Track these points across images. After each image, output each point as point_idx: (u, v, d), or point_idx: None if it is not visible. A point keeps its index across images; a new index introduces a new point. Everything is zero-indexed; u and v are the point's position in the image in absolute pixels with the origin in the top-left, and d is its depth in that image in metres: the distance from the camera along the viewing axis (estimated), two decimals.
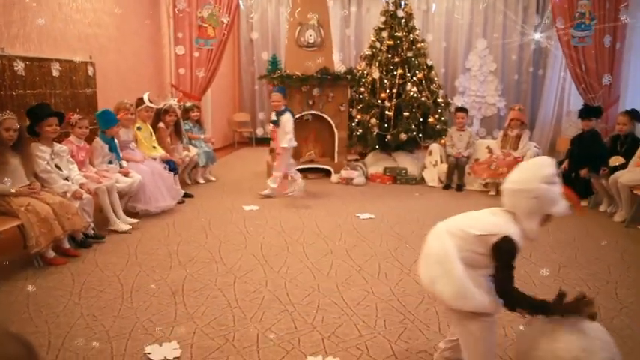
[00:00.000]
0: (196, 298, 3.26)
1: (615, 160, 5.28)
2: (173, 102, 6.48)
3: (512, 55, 10.14)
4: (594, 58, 7.29)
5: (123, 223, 4.65)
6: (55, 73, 5.21)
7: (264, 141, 10.74)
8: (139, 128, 5.63)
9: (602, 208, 5.56)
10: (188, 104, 7.13)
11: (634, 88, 7.39)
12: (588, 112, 5.93)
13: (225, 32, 8.08)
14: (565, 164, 5.93)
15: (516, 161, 6.23)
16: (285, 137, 5.71)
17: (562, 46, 7.63)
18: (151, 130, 5.82)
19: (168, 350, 2.62)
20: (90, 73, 5.84)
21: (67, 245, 4.00)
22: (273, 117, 5.85)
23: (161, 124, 6.03)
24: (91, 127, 4.83)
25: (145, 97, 5.72)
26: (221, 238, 4.52)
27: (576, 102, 8.57)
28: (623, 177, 4.99)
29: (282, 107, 5.83)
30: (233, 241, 4.44)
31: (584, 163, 5.64)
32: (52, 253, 3.83)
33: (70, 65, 5.48)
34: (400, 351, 2.65)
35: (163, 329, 2.84)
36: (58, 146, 4.28)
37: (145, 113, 5.71)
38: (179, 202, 5.63)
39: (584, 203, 5.84)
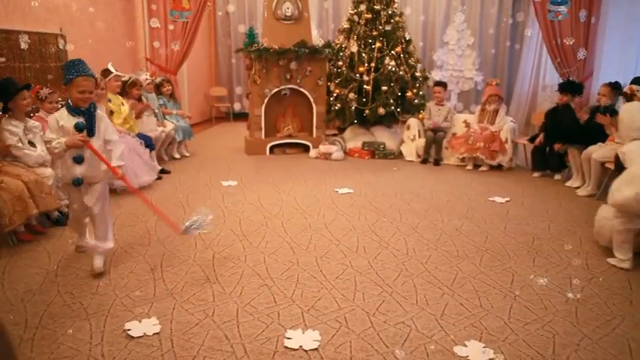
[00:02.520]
0: (175, 274, 3.26)
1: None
2: (145, 76, 6.36)
3: (490, 29, 10.15)
4: (570, 32, 7.35)
5: None
6: (24, 46, 5.04)
7: (241, 116, 10.66)
8: (109, 100, 5.49)
9: (570, 183, 5.63)
10: (158, 79, 6.99)
11: (607, 63, 7.48)
12: (568, 87, 5.96)
13: (210, 3, 7.91)
14: (540, 138, 6.02)
15: (493, 135, 6.31)
16: (118, 150, 3.23)
17: (538, 20, 7.66)
18: (122, 100, 5.66)
19: (148, 326, 2.62)
20: (61, 46, 5.67)
21: (33, 222, 3.92)
22: (65, 117, 3.07)
23: (132, 100, 5.86)
24: (62, 102, 4.71)
25: (110, 66, 5.57)
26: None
27: (552, 76, 8.67)
28: (597, 153, 5.08)
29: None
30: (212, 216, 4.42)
31: (557, 136, 5.73)
32: (21, 228, 3.76)
33: (40, 37, 5.31)
34: (378, 323, 2.70)
35: (142, 306, 2.84)
36: (30, 122, 4.16)
37: (115, 83, 5.55)
38: (157, 179, 5.57)
39: (557, 177, 5.97)
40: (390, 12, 7.38)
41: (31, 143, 4.09)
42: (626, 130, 3.62)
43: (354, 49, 7.29)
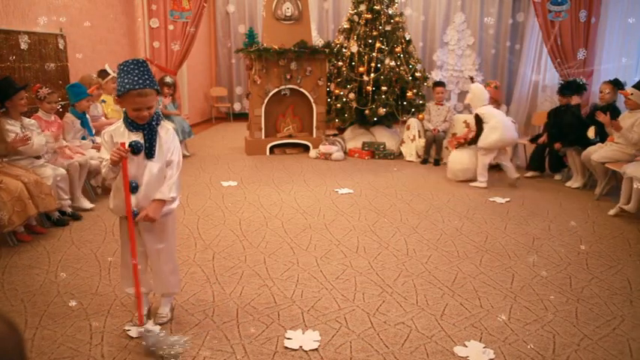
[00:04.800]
0: None
1: (592, 132, 5.31)
2: None
3: (490, 30, 10.15)
4: (570, 32, 7.34)
5: (86, 201, 4.59)
6: (24, 46, 5.03)
7: (241, 116, 10.66)
8: (103, 101, 5.48)
9: (570, 183, 5.65)
10: (169, 80, 7.01)
11: (607, 63, 7.47)
12: (567, 88, 5.94)
13: (205, 4, 7.88)
14: (544, 137, 5.99)
15: None
16: (175, 175, 2.49)
17: (538, 20, 7.65)
18: None
19: (147, 327, 2.61)
20: (60, 46, 5.67)
21: (33, 222, 3.93)
22: (122, 133, 2.45)
23: None
24: (61, 102, 4.71)
25: (107, 67, 5.57)
26: (199, 214, 4.49)
27: (552, 77, 8.66)
28: (597, 154, 5.05)
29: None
30: (212, 216, 4.42)
31: (559, 136, 5.72)
32: (20, 229, 3.77)
33: (40, 38, 5.30)
34: (378, 323, 2.69)
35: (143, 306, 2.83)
36: (26, 120, 4.16)
37: (113, 85, 5.55)
38: None
39: (557, 177, 5.96)
40: (390, 12, 7.38)
41: None
42: (476, 101, 5.59)
43: (354, 49, 7.29)
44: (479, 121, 5.56)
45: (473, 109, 5.78)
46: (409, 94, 7.22)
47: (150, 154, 2.43)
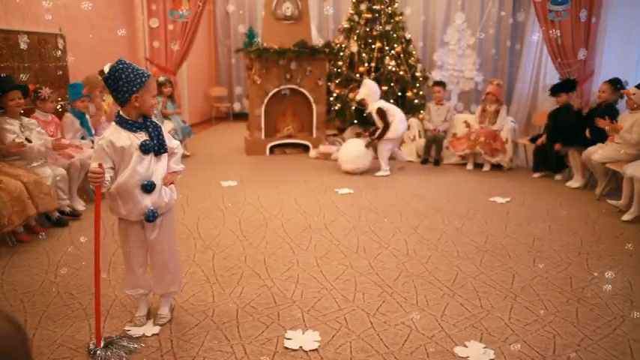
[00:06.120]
0: None
1: (588, 133, 5.33)
2: None
3: (490, 30, 10.14)
4: (570, 32, 7.33)
5: (80, 203, 4.58)
6: (23, 46, 5.03)
7: (241, 116, 10.65)
8: (103, 99, 5.46)
9: (571, 184, 5.64)
10: (161, 79, 6.99)
11: (608, 63, 7.47)
12: (558, 88, 5.96)
13: (201, 4, 7.86)
14: (542, 138, 5.99)
15: (494, 132, 6.30)
16: (179, 152, 2.65)
17: (539, 20, 7.65)
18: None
19: (147, 327, 2.61)
20: (60, 46, 5.66)
21: (32, 222, 3.92)
22: (124, 136, 2.37)
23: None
24: (61, 102, 4.71)
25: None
26: (199, 213, 4.49)
27: (552, 76, 8.65)
28: (597, 154, 5.03)
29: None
30: (211, 216, 4.42)
31: (559, 137, 5.72)
32: (20, 229, 3.76)
33: (39, 38, 5.30)
34: (378, 324, 2.69)
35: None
36: (26, 119, 4.14)
37: None
38: None
39: (558, 177, 5.95)
40: (390, 12, 7.38)
41: (28, 140, 4.08)
42: (373, 95, 6.02)
43: (354, 48, 7.28)
44: (383, 115, 5.92)
45: (368, 104, 6.08)
46: (409, 94, 7.22)
47: (161, 149, 2.42)
